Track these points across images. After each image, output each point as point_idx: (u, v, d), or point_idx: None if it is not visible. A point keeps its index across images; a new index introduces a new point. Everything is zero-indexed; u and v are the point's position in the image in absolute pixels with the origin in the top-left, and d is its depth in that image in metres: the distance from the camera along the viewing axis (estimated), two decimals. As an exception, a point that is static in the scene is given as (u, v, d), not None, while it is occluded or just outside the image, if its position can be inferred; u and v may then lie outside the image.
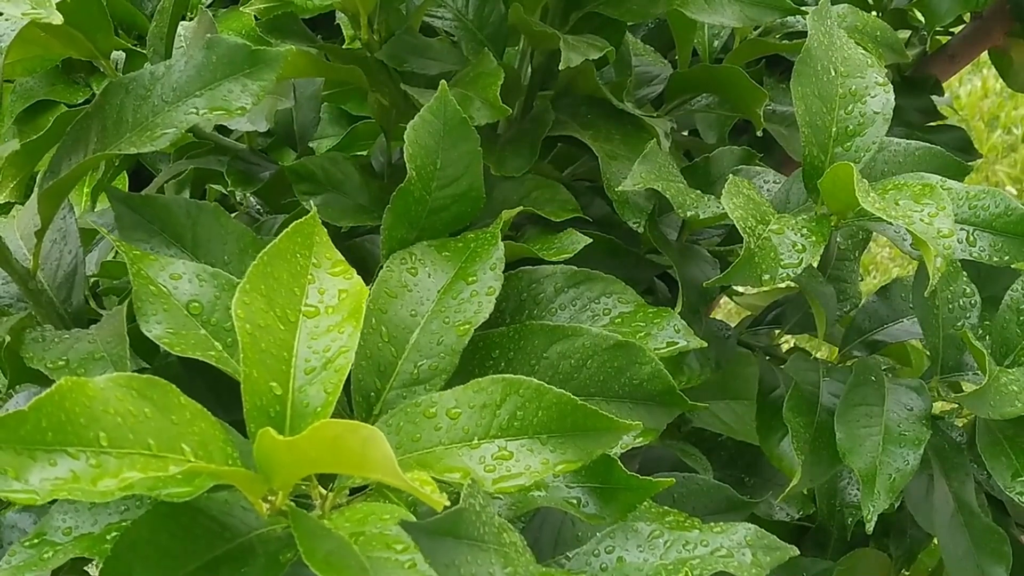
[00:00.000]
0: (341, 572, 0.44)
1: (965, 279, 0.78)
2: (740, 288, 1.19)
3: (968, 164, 0.80)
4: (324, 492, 0.51)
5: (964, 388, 0.78)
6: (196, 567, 0.48)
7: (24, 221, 0.73)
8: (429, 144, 0.66)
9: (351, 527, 0.46)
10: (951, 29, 1.27)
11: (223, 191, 0.99)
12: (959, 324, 0.77)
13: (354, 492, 0.52)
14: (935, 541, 0.97)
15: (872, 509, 0.70)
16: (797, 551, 0.62)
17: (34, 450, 0.43)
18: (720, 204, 0.66)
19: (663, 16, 0.87)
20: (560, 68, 0.72)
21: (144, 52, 0.89)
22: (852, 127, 0.72)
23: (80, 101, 1.16)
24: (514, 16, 0.75)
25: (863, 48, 0.75)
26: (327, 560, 0.45)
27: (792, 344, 1.03)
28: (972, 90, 3.28)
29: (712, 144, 0.98)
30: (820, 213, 0.71)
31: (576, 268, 0.69)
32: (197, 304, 0.59)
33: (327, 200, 0.77)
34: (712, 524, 0.62)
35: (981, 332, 0.77)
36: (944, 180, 0.71)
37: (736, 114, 0.96)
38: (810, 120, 0.71)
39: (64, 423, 0.44)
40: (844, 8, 0.93)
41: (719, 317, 0.95)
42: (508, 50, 0.82)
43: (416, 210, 0.67)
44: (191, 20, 0.96)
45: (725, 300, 1.69)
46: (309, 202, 0.75)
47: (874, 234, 0.82)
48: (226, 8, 1.16)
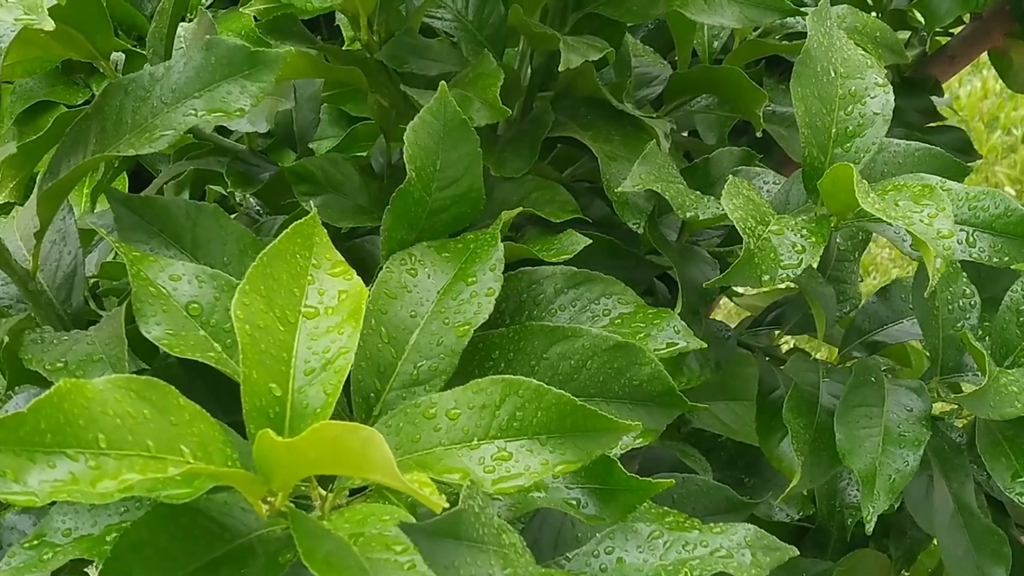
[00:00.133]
0: (341, 573, 0.44)
1: (965, 280, 0.78)
2: (740, 289, 1.19)
3: (968, 165, 0.80)
4: (324, 493, 0.51)
5: (964, 389, 0.78)
6: (196, 568, 0.48)
7: (23, 222, 0.72)
8: (429, 145, 0.66)
9: (351, 528, 0.46)
10: (951, 30, 1.27)
11: (223, 192, 0.99)
12: (959, 325, 0.77)
13: (354, 493, 0.52)
14: (935, 542, 0.97)
15: (872, 510, 0.70)
16: (797, 552, 0.62)
17: (33, 452, 0.43)
18: (720, 205, 0.66)
19: (663, 17, 0.87)
20: (560, 69, 0.72)
21: (144, 53, 0.89)
22: (852, 128, 0.72)
23: (80, 102, 1.15)
24: (514, 17, 0.75)
25: (863, 49, 0.75)
26: (327, 561, 0.45)
27: (792, 345, 1.04)
28: (972, 91, 3.28)
29: (712, 145, 0.98)
30: (820, 214, 0.71)
31: (576, 269, 0.69)
32: (196, 305, 0.59)
33: (327, 201, 0.77)
34: (712, 525, 0.62)
35: (981, 333, 0.77)
36: (944, 181, 0.71)
37: (736, 115, 0.96)
38: (810, 121, 0.71)
39: (63, 425, 0.44)
40: (844, 9, 0.93)
41: (719, 318, 0.95)
42: (508, 51, 0.82)
43: (416, 211, 0.67)
44: (191, 21, 0.96)
45: (725, 301, 1.69)
46: (309, 203, 0.75)
47: (874, 235, 0.82)
48: (226, 9, 1.16)
